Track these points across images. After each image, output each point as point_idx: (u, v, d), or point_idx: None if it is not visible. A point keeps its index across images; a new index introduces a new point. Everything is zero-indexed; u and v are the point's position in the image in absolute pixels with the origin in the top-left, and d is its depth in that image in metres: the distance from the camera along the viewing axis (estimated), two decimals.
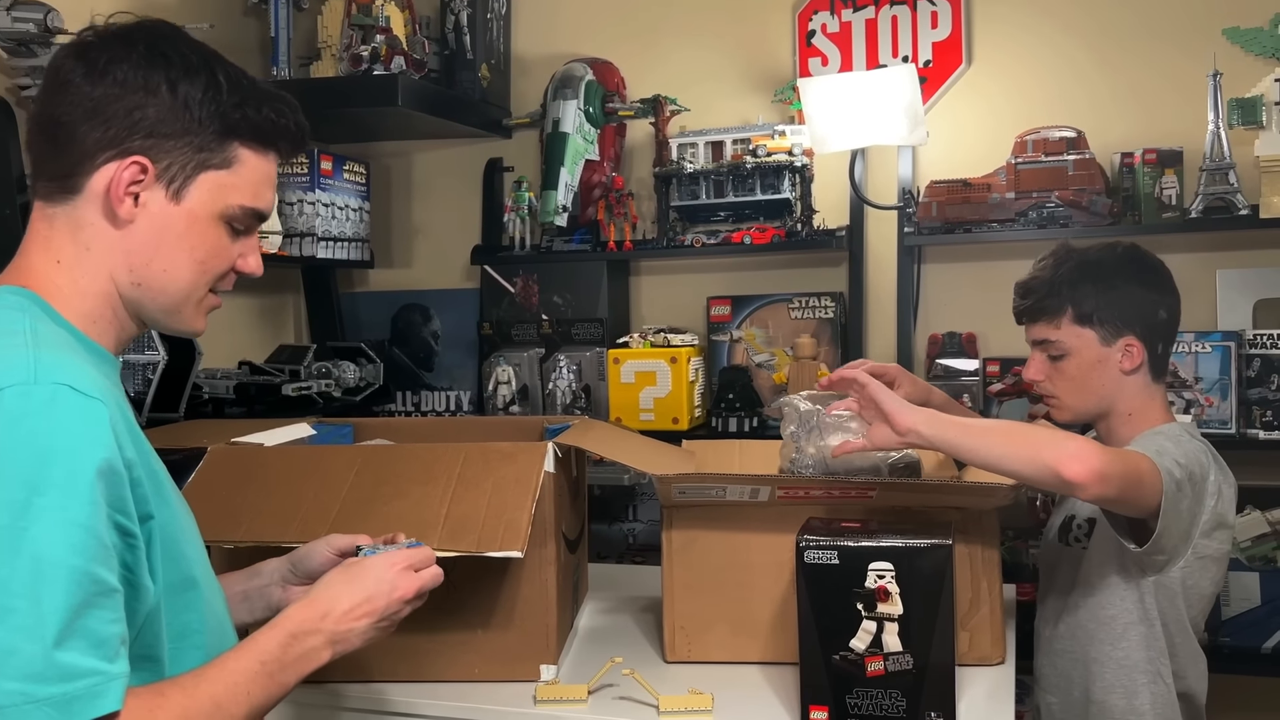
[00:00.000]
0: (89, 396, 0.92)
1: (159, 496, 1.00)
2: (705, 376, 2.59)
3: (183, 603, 1.03)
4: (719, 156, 2.51)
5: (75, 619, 0.87)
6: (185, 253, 1.06)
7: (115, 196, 1.03)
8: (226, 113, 1.05)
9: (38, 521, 0.87)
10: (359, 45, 2.36)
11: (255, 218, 1.12)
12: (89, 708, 0.87)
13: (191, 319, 1.12)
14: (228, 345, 2.58)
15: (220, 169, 1.06)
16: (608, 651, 1.63)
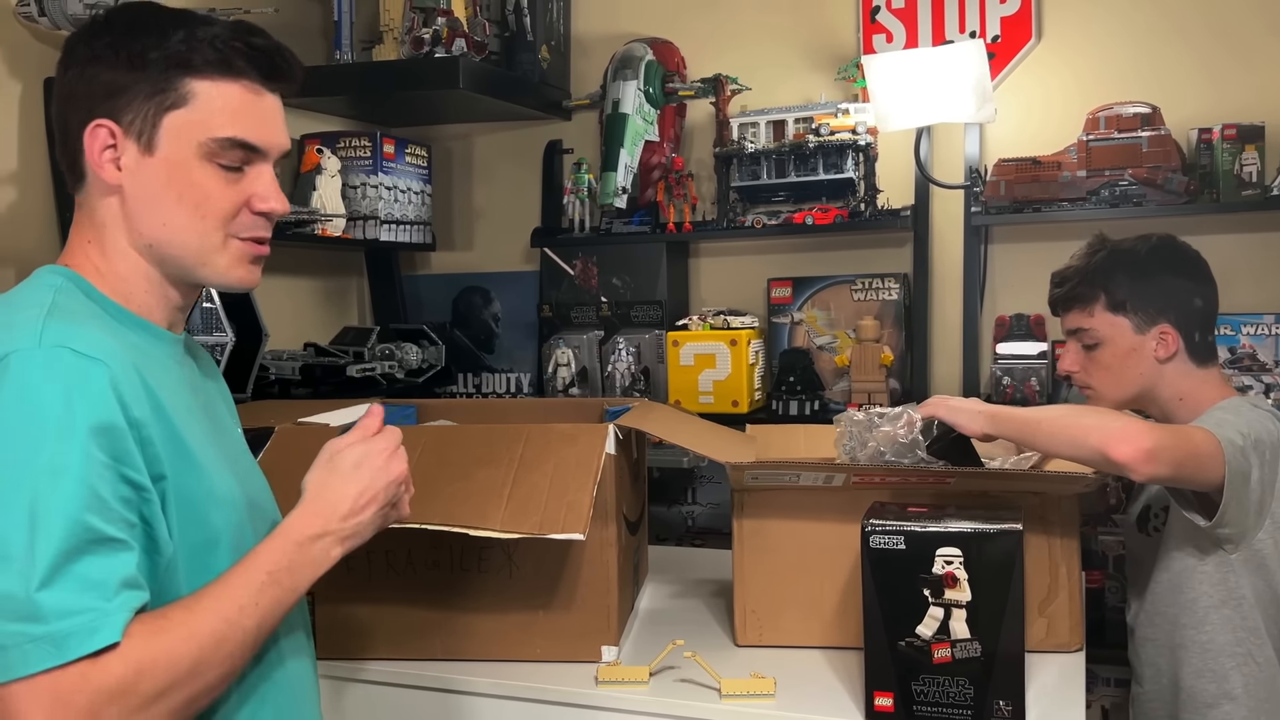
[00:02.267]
0: (88, 357, 0.96)
1: (181, 459, 1.02)
2: (765, 359, 2.57)
3: (203, 565, 1.04)
4: (781, 136, 2.48)
5: (66, 563, 0.90)
6: (174, 201, 1.06)
7: (95, 164, 1.06)
8: (170, 52, 1.05)
9: (35, 474, 0.91)
10: (420, 28, 2.37)
11: (242, 148, 1.08)
12: (85, 643, 0.89)
13: (227, 269, 1.10)
14: (293, 327, 2.62)
15: (178, 108, 1.05)
16: (668, 634, 1.63)
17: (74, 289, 1.06)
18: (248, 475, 1.18)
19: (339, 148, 2.53)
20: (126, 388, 0.97)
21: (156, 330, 1.10)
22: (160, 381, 1.03)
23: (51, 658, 0.87)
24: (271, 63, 1.09)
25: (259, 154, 1.09)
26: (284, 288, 2.62)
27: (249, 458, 1.24)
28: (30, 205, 1.93)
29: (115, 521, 0.94)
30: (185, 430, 1.04)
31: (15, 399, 0.92)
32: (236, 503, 1.10)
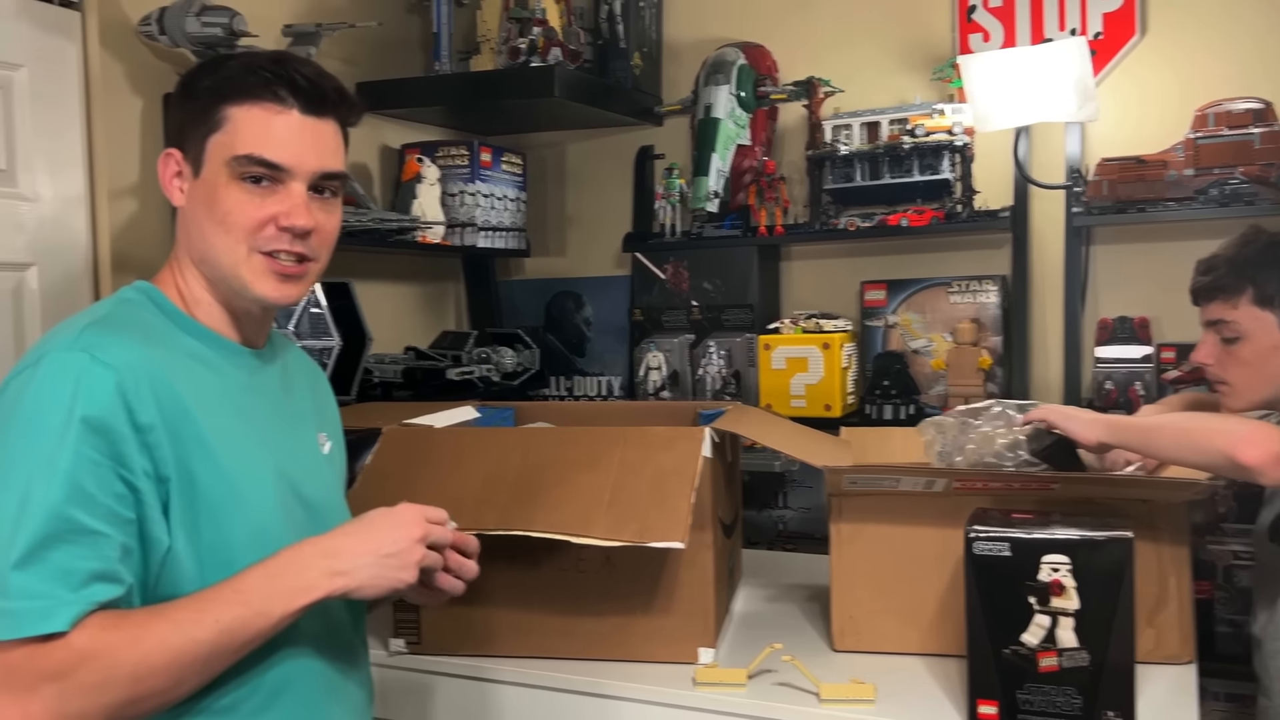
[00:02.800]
0: (102, 363, 1.03)
1: (201, 462, 1.07)
2: (858, 363, 2.55)
3: (219, 561, 1.08)
4: (874, 138, 2.46)
5: (41, 549, 0.96)
6: (208, 215, 1.14)
7: (166, 189, 1.17)
8: (216, 85, 1.14)
9: (32, 464, 0.99)
10: (517, 38, 2.42)
11: (255, 163, 1.12)
12: (33, 624, 0.95)
13: (252, 281, 1.15)
14: (394, 331, 2.69)
15: (216, 132, 1.13)
16: (763, 637, 1.63)
17: (144, 302, 1.16)
18: (305, 479, 1.22)
19: (438, 157, 2.59)
20: (137, 393, 1.03)
21: (222, 341, 1.18)
22: (202, 389, 1.11)
23: (5, 631, 0.95)
24: (294, 82, 1.14)
25: (284, 172, 1.14)
26: (385, 293, 2.69)
27: (315, 463, 1.28)
28: (148, 216, 2.02)
29: (100, 515, 1.00)
30: (215, 435, 1.09)
31: (35, 395, 1.02)
32: (266, 507, 1.13)
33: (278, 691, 1.13)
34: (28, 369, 1.04)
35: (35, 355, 1.05)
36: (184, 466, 1.06)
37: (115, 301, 1.16)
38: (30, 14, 1.86)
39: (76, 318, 1.11)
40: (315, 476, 1.26)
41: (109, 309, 1.13)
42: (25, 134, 1.85)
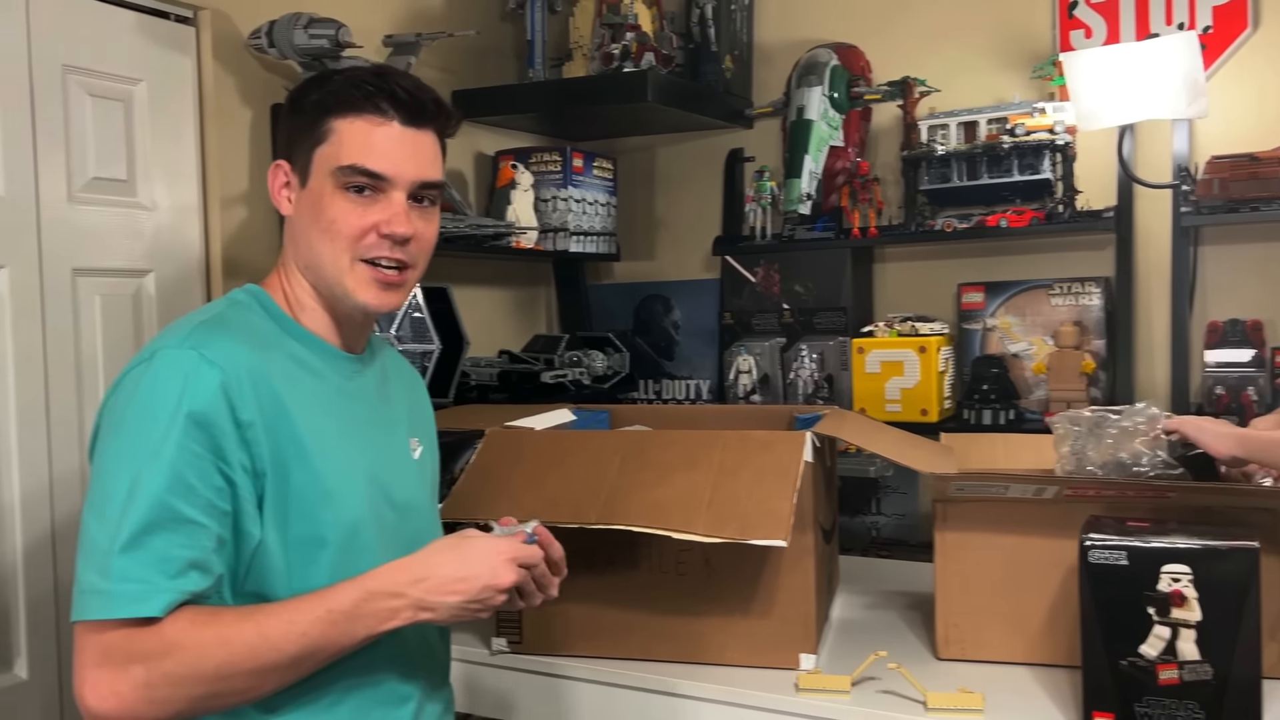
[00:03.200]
0: (209, 362, 1.07)
1: (295, 460, 1.11)
2: (955, 367, 2.51)
3: (307, 558, 1.12)
4: (972, 137, 2.42)
5: (143, 535, 1.02)
6: (314, 223, 1.18)
7: (275, 198, 1.22)
8: (322, 99, 1.18)
9: (142, 453, 1.04)
10: (610, 44, 2.43)
11: (358, 173, 1.16)
12: (128, 607, 1.00)
13: (354, 289, 1.19)
14: (487, 335, 2.73)
15: (322, 144, 1.17)
16: (864, 643, 1.61)
17: (252, 304, 1.21)
18: (395, 482, 1.25)
19: (531, 163, 2.62)
20: (240, 391, 1.08)
21: (323, 345, 1.22)
22: (301, 391, 1.15)
23: (104, 610, 1.00)
24: (395, 95, 1.17)
25: (386, 181, 1.17)
26: (479, 297, 2.73)
27: (406, 466, 1.30)
28: (257, 223, 2.09)
29: (199, 506, 1.04)
30: (310, 435, 1.13)
31: (148, 388, 1.07)
32: (356, 506, 1.17)
33: (351, 691, 1.16)
34: (142, 363, 1.09)
35: (149, 351, 1.10)
36: (279, 463, 1.11)
37: (226, 303, 1.21)
38: (148, 30, 1.93)
39: (189, 317, 1.16)
40: (405, 479, 1.28)
41: (219, 310, 1.18)
42: (144, 146, 1.93)
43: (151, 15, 1.94)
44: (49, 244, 1.78)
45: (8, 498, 1.72)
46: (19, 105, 1.74)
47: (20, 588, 1.73)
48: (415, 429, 1.36)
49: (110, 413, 1.10)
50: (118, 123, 1.89)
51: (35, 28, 1.76)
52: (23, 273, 1.74)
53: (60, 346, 1.79)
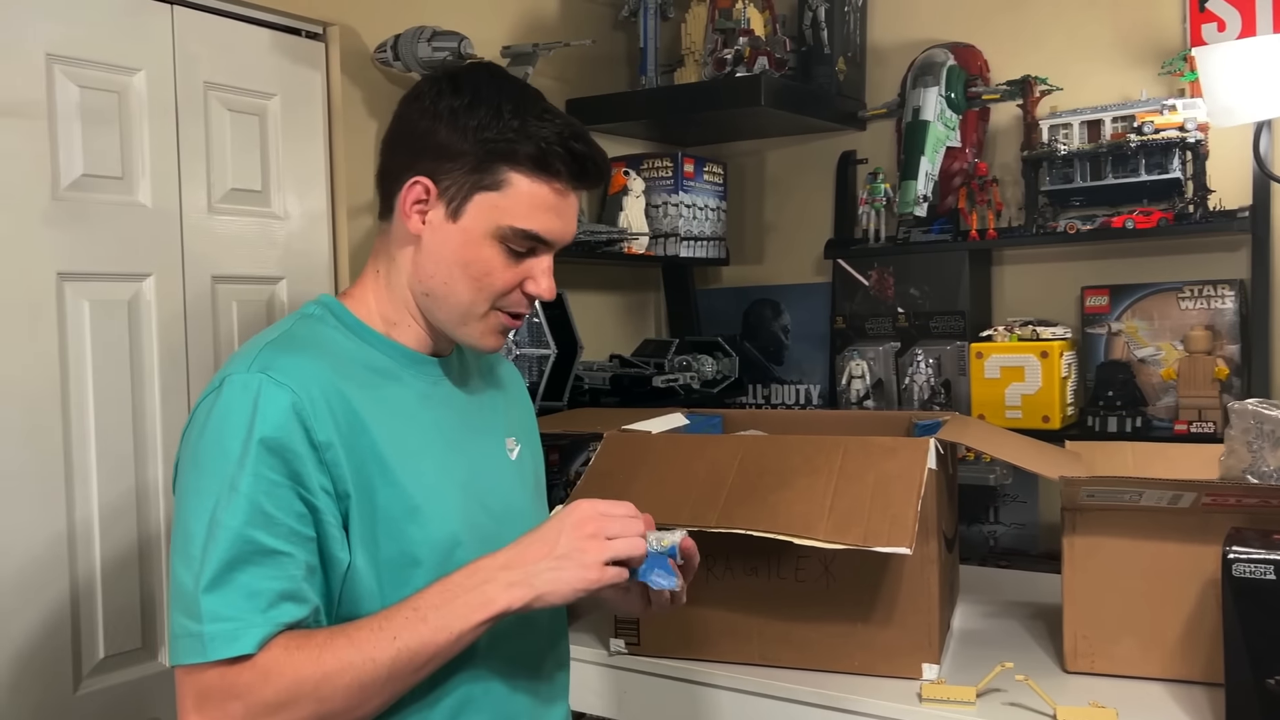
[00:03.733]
0: (278, 384, 1.03)
1: (379, 478, 1.07)
2: (1079, 372, 2.44)
3: (400, 579, 1.07)
4: (1096, 136, 2.35)
5: (228, 571, 0.98)
6: (460, 268, 1.12)
7: (404, 213, 1.13)
8: (500, 139, 1.10)
9: (219, 487, 1.00)
10: (722, 49, 2.44)
11: (529, 239, 1.13)
12: (222, 647, 0.97)
13: (479, 336, 1.16)
14: (597, 339, 2.76)
15: (491, 190, 1.11)
16: (987, 654, 1.58)
17: (325, 316, 1.16)
18: (491, 489, 1.20)
19: (643, 169, 2.64)
20: (314, 411, 1.03)
21: (407, 352, 1.17)
22: (380, 402, 1.10)
23: (198, 654, 0.98)
24: (584, 169, 1.13)
25: (546, 245, 1.15)
26: (591, 303, 2.77)
27: (502, 470, 1.25)
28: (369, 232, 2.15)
29: (282, 536, 1.01)
30: (393, 449, 1.08)
31: (219, 419, 1.03)
32: (449, 520, 1.12)
33: (459, 711, 1.12)
34: (211, 393, 1.06)
35: (218, 378, 1.07)
36: (362, 483, 1.06)
37: (295, 318, 1.16)
38: (281, 47, 2.01)
39: (258, 337, 1.12)
40: (502, 484, 1.24)
41: (288, 326, 1.14)
42: (277, 157, 2.01)
43: (284, 32, 2.03)
44: (191, 252, 1.87)
45: (153, 496, 1.81)
46: (165, 121, 1.83)
47: (165, 579, 1.82)
48: (512, 427, 1.31)
49: (185, 447, 1.07)
50: (253, 136, 1.97)
51: (180, 47, 1.85)
52: (167, 280, 1.83)
53: (200, 351, 1.88)
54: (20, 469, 1.64)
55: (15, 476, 1.63)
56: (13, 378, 1.63)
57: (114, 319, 1.76)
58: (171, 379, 1.84)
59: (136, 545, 1.79)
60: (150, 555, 1.81)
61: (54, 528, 1.68)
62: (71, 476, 1.70)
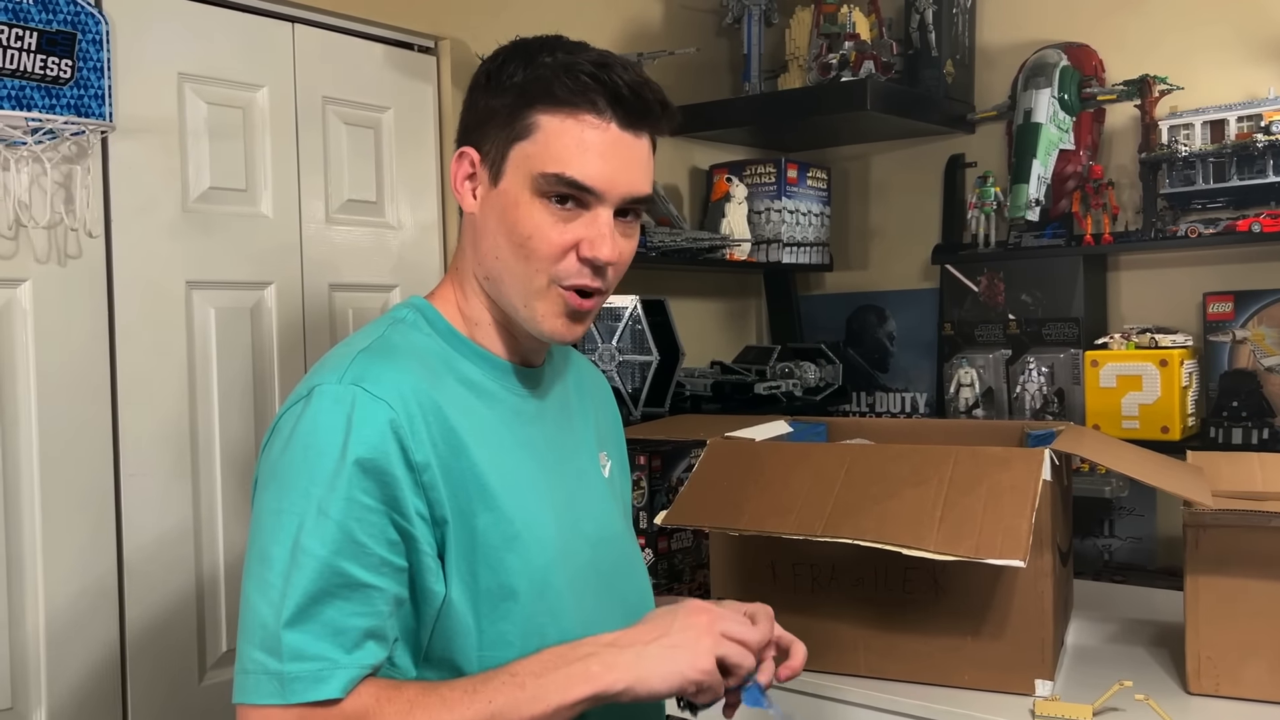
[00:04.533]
0: (375, 398, 0.93)
1: (478, 501, 0.98)
2: (1200, 382, 2.34)
3: (498, 612, 0.99)
4: (1219, 137, 2.26)
5: (312, 605, 0.89)
6: (505, 233, 1.00)
7: (457, 191, 1.04)
8: (526, 84, 0.99)
9: (305, 510, 0.91)
10: (827, 54, 2.42)
11: (569, 186, 0.98)
12: (306, 690, 0.88)
13: (544, 318, 1.02)
14: (699, 346, 2.76)
15: (522, 139, 0.99)
16: (1102, 672, 1.53)
17: (418, 321, 1.05)
18: (587, 513, 1.12)
19: (745, 175, 2.64)
20: (412, 429, 0.94)
21: (498, 363, 1.07)
22: (474, 419, 1.00)
23: (276, 695, 0.88)
24: (623, 98, 0.99)
25: (592, 195, 0.99)
26: (692, 309, 2.78)
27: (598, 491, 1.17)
28: None
29: (373, 567, 0.92)
30: (490, 471, 0.99)
31: (306, 432, 0.93)
32: (547, 550, 1.03)
33: None
34: (298, 403, 0.96)
35: (306, 387, 0.97)
36: (460, 507, 0.97)
37: (388, 323, 1.05)
38: (395, 61, 2.08)
39: (349, 343, 1.03)
40: (598, 506, 1.15)
41: (381, 332, 1.03)
42: (390, 168, 2.07)
43: (397, 47, 2.09)
44: (309, 262, 1.94)
45: None
46: (286, 134, 1.90)
47: None
48: (604, 442, 1.22)
49: (266, 460, 0.97)
50: (368, 148, 2.04)
51: (300, 64, 1.92)
52: (287, 288, 1.91)
53: (318, 355, 1.92)
54: (152, 468, 1.72)
55: (147, 475, 1.71)
56: (145, 381, 1.71)
57: (238, 326, 1.84)
58: (290, 384, 1.90)
59: None
60: None
61: (182, 525, 1.76)
62: (198, 477, 1.78)
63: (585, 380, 1.25)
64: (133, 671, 1.69)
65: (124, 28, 1.68)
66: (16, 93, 1.53)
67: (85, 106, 1.61)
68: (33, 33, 1.55)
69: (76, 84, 1.60)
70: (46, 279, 1.60)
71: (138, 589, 1.70)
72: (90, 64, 1.61)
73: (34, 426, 1.59)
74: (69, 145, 1.59)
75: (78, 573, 1.63)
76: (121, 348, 1.69)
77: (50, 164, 1.56)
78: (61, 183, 1.60)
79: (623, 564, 1.16)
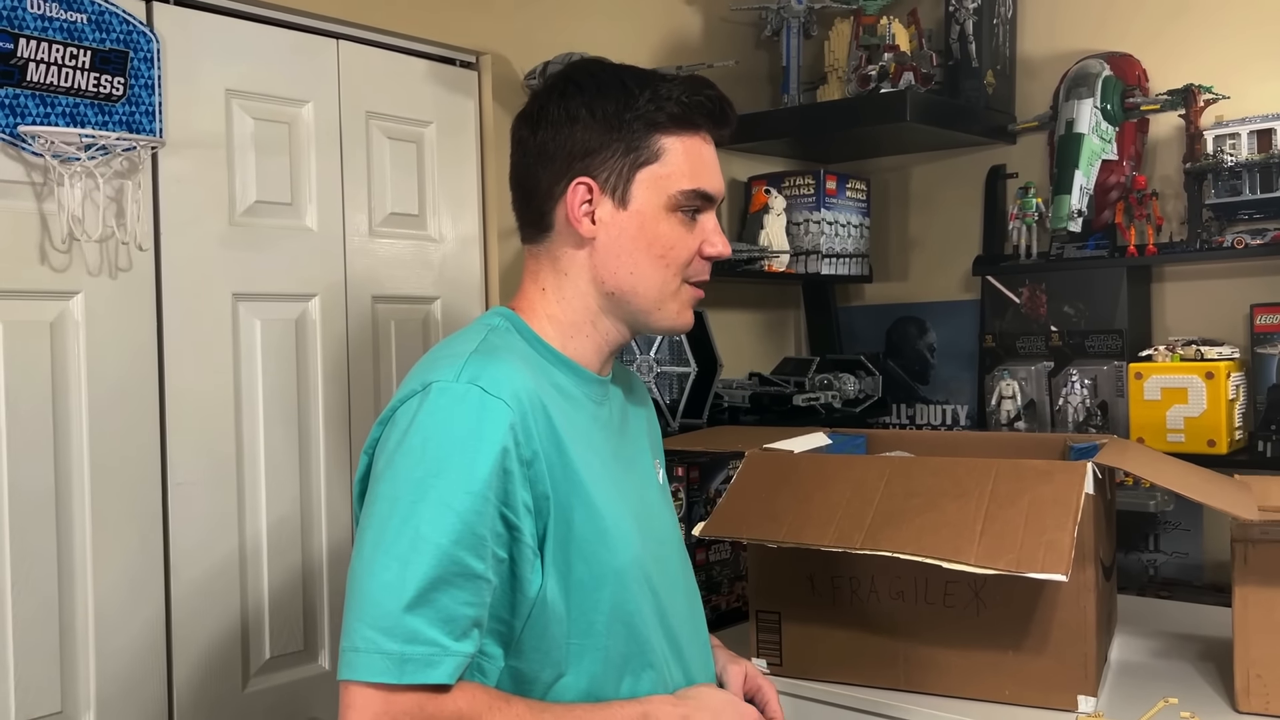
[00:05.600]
0: (492, 396, 1.01)
1: (574, 497, 1.05)
2: (1248, 395, 2.30)
3: (589, 604, 1.07)
4: (1267, 146, 2.23)
5: (431, 591, 0.95)
6: (644, 251, 1.13)
7: (574, 219, 1.13)
8: (642, 112, 1.11)
9: (426, 500, 0.97)
10: (866, 65, 2.42)
11: (701, 198, 1.14)
12: (420, 672, 0.94)
13: (676, 313, 1.17)
14: (737, 357, 2.76)
15: (651, 164, 1.12)
16: (1147, 689, 1.52)
17: (510, 328, 1.15)
18: (651, 516, 1.21)
19: (784, 187, 2.64)
20: (524, 426, 1.02)
21: (582, 371, 1.16)
22: (568, 422, 1.08)
23: (392, 674, 0.94)
24: (721, 112, 1.16)
25: (711, 202, 1.16)
26: (730, 321, 2.78)
27: (657, 495, 1.27)
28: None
29: (485, 557, 0.98)
30: (584, 470, 1.07)
31: (427, 425, 1.00)
32: (629, 542, 1.11)
33: None
34: (415, 396, 1.03)
35: (420, 382, 1.04)
36: (561, 501, 1.05)
37: (484, 329, 1.14)
38: (437, 76, 2.10)
39: (450, 345, 1.11)
40: (658, 509, 1.25)
41: (483, 335, 1.11)
42: (433, 182, 2.10)
43: (440, 62, 2.12)
44: (353, 274, 1.96)
45: (315, 503, 1.91)
46: (330, 148, 1.93)
47: (325, 585, 1.91)
48: (655, 449, 1.33)
49: (384, 451, 1.03)
50: (411, 162, 2.06)
51: (344, 79, 1.95)
52: (331, 300, 1.93)
53: (361, 367, 1.98)
54: (199, 477, 1.75)
55: (195, 484, 1.75)
56: (192, 391, 1.75)
57: (283, 338, 1.87)
58: (334, 396, 1.93)
59: (300, 552, 1.89)
60: (312, 562, 1.91)
61: (227, 533, 1.79)
62: (243, 486, 1.81)
63: (636, 391, 1.34)
64: (178, 677, 1.72)
65: (174, 45, 1.72)
66: (71, 110, 1.58)
67: (136, 123, 1.65)
68: (86, 51, 1.59)
69: (128, 101, 1.64)
70: (98, 291, 1.64)
71: (183, 596, 1.73)
72: (141, 81, 1.65)
73: (85, 435, 1.62)
74: (120, 160, 1.63)
75: (126, 579, 1.66)
76: (169, 358, 1.72)
77: (102, 179, 1.60)
78: (113, 197, 1.64)
79: (683, 563, 1.28)
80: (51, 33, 1.56)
